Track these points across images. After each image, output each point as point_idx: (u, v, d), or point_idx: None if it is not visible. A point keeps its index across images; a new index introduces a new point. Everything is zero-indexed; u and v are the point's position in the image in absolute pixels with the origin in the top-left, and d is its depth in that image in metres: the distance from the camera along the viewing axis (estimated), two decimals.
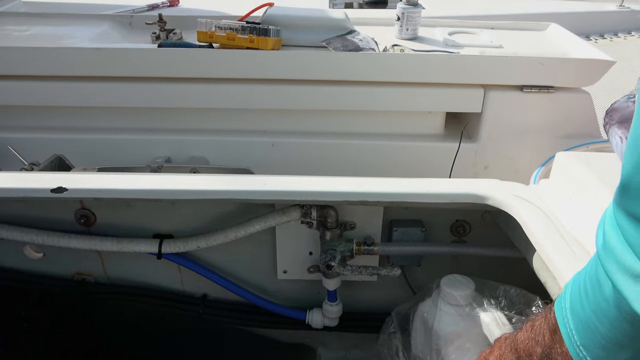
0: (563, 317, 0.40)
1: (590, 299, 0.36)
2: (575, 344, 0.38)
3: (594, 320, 0.36)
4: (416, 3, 1.77)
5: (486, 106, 1.65)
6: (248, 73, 1.61)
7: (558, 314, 0.41)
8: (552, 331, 0.42)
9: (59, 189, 0.90)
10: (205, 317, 1.16)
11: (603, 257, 0.34)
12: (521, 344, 0.46)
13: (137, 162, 1.63)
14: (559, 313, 0.41)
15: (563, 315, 0.40)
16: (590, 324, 0.36)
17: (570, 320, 0.39)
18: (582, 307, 0.37)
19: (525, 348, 0.45)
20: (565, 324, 0.40)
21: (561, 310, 0.41)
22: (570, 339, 0.39)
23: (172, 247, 1.05)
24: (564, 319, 0.40)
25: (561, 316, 0.40)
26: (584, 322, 0.37)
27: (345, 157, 1.73)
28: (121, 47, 1.69)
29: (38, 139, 1.71)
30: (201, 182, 0.94)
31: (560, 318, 0.41)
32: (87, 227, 1.07)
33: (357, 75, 1.61)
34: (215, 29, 1.59)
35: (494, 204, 0.90)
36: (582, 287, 0.38)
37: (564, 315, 0.40)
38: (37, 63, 1.59)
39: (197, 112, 1.73)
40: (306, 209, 0.99)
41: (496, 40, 1.76)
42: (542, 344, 0.43)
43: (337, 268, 1.01)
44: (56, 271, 1.15)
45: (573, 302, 0.39)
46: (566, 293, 0.41)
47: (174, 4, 2.58)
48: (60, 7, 2.28)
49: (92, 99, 1.67)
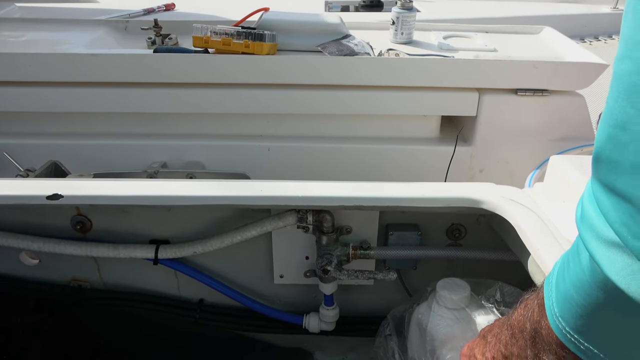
0: (548, 292, 0.42)
1: (570, 271, 0.38)
2: (555, 315, 0.40)
3: (571, 291, 0.37)
4: (411, 7, 1.78)
5: (481, 110, 1.66)
6: (244, 78, 1.61)
7: (546, 289, 0.43)
8: (541, 306, 0.43)
9: (55, 195, 0.90)
10: (202, 322, 1.16)
11: (580, 228, 0.35)
12: (515, 320, 0.48)
13: (133, 167, 1.63)
14: (546, 288, 0.43)
15: (549, 290, 0.42)
16: (568, 295, 0.38)
17: (554, 292, 0.41)
18: (564, 280, 0.39)
19: (518, 325, 0.47)
20: (549, 297, 0.41)
21: (548, 285, 0.43)
22: (551, 310, 0.40)
23: (169, 252, 1.05)
24: (549, 292, 0.42)
25: (547, 291, 0.42)
26: (563, 293, 0.39)
27: (341, 161, 1.74)
28: (117, 53, 1.69)
29: (33, 145, 1.71)
30: (197, 188, 0.94)
31: (546, 293, 0.42)
32: (83, 233, 1.07)
33: (352, 79, 1.62)
34: (211, 34, 1.60)
35: (489, 207, 0.91)
36: (565, 262, 0.40)
37: (549, 290, 0.42)
38: (32, 69, 1.59)
39: (193, 117, 1.74)
40: (302, 213, 0.99)
41: (490, 44, 1.77)
42: (532, 319, 0.44)
43: (334, 272, 1.01)
44: (52, 277, 1.15)
45: (558, 276, 0.41)
46: (554, 269, 0.43)
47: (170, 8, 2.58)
48: (56, 13, 2.28)
49: (88, 104, 1.67)
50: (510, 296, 0.88)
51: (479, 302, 0.88)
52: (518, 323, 0.47)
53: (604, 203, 0.32)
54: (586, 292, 0.36)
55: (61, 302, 1.16)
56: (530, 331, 0.44)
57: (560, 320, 0.39)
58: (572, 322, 0.38)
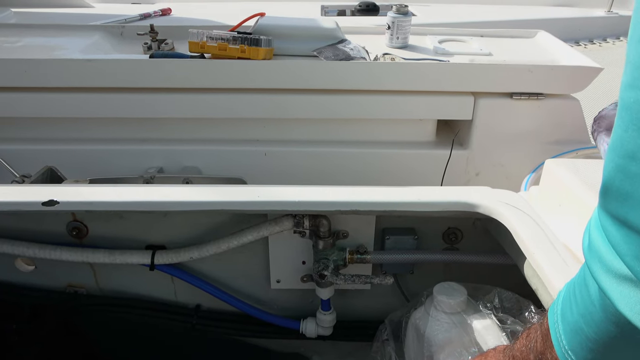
0: (554, 323, 0.41)
1: (578, 303, 0.37)
2: (564, 348, 0.39)
3: (581, 323, 0.36)
4: (406, 12, 1.79)
5: (477, 113, 1.66)
6: (240, 83, 1.62)
7: (550, 320, 0.42)
8: (545, 337, 0.42)
9: (51, 202, 0.90)
10: (199, 327, 1.16)
11: (588, 259, 0.34)
12: (517, 351, 0.47)
13: (129, 172, 1.62)
14: (551, 319, 0.42)
15: (554, 321, 0.41)
16: (577, 327, 0.37)
17: (560, 324, 0.40)
18: (571, 311, 0.38)
19: (521, 355, 0.46)
20: (555, 329, 0.40)
21: (553, 315, 0.41)
22: (559, 343, 0.39)
23: (165, 258, 1.05)
24: (554, 324, 0.41)
25: (553, 322, 0.41)
26: (571, 325, 0.38)
27: (338, 165, 1.74)
28: (113, 58, 1.69)
29: (29, 150, 1.71)
30: (193, 193, 0.94)
31: (551, 324, 0.41)
32: (79, 239, 1.07)
33: (348, 84, 1.62)
34: (207, 39, 1.60)
35: (485, 211, 0.91)
36: (572, 292, 0.38)
37: (555, 321, 0.41)
38: (28, 74, 1.59)
39: (190, 122, 1.74)
40: (298, 218, 0.99)
41: (486, 48, 1.78)
42: (535, 350, 0.43)
43: (330, 277, 1.01)
44: (48, 284, 1.15)
45: (564, 307, 0.40)
46: (559, 299, 0.42)
47: (166, 13, 2.58)
48: (51, 18, 2.28)
49: (84, 110, 1.67)
50: (509, 302, 0.88)
51: (476, 307, 0.88)
52: (521, 354, 0.46)
53: (614, 235, 0.31)
54: (598, 326, 0.34)
55: (57, 309, 1.15)
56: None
57: (570, 354, 0.38)
58: (582, 355, 0.37)
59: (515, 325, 0.82)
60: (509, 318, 0.84)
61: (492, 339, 0.81)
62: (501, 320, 0.84)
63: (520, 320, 0.83)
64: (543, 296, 0.76)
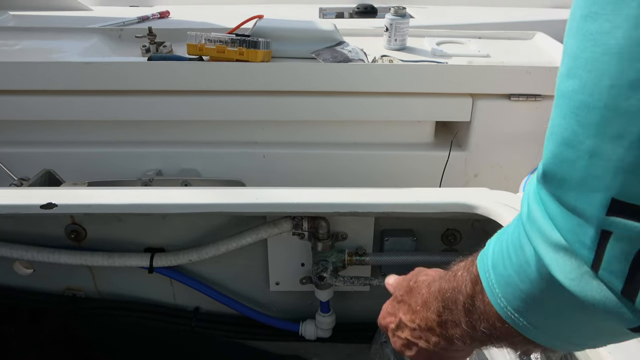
0: (485, 272, 0.44)
1: (513, 261, 0.40)
2: (497, 295, 0.42)
3: (515, 278, 0.40)
4: (404, 14, 1.79)
5: (475, 115, 1.67)
6: (238, 85, 1.62)
7: (481, 270, 0.45)
8: (474, 283, 0.46)
9: (49, 204, 0.90)
10: (198, 330, 1.16)
11: (527, 227, 0.37)
12: (447, 292, 0.51)
13: (128, 175, 1.62)
14: (481, 269, 0.45)
15: (485, 270, 0.44)
16: (511, 281, 0.41)
17: (492, 275, 0.43)
18: (504, 267, 0.41)
19: (450, 297, 0.50)
20: (487, 278, 0.44)
21: (484, 266, 0.45)
22: (492, 291, 0.43)
23: (164, 260, 1.05)
24: (485, 273, 0.44)
25: (483, 271, 0.44)
26: (505, 278, 0.41)
27: (336, 167, 1.74)
28: (111, 61, 1.69)
29: (27, 153, 1.71)
30: (192, 196, 0.94)
31: (482, 272, 0.44)
32: (78, 242, 1.07)
33: (346, 86, 1.63)
34: (205, 41, 1.60)
35: (484, 213, 0.91)
36: (505, 250, 0.42)
37: (485, 270, 0.44)
38: (26, 77, 1.59)
39: (188, 124, 1.74)
40: (297, 220, 0.99)
41: (484, 50, 1.79)
42: (465, 293, 0.47)
43: (329, 279, 1.01)
44: (46, 287, 1.14)
45: (495, 260, 0.43)
46: (488, 250, 0.45)
47: (164, 16, 2.58)
48: (50, 21, 2.27)
49: (82, 112, 1.67)
50: None
51: None
52: (450, 295, 0.50)
53: (552, 210, 0.34)
54: (531, 282, 0.38)
55: (56, 312, 1.15)
56: (463, 303, 0.48)
57: (503, 300, 0.42)
58: (514, 304, 0.41)
59: None
60: None
61: None
62: None
63: None
64: None
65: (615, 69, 0.28)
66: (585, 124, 0.30)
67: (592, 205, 0.31)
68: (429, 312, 0.55)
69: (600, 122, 0.30)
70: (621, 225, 0.30)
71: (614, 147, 0.29)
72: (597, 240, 0.31)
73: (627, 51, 0.28)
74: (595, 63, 0.30)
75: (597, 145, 0.30)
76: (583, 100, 0.30)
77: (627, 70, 0.28)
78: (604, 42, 0.29)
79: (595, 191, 0.30)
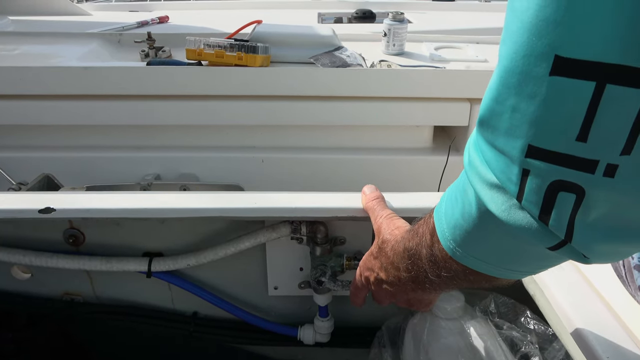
0: (438, 220, 0.53)
1: (459, 205, 0.48)
2: (447, 239, 0.51)
3: (460, 220, 0.48)
4: (402, 19, 1.80)
5: (473, 119, 1.67)
6: (237, 90, 1.62)
7: (436, 219, 0.53)
8: (432, 234, 0.54)
9: (47, 209, 0.90)
10: (197, 335, 1.16)
11: (469, 172, 0.45)
12: (411, 250, 0.60)
13: (126, 180, 1.62)
14: (436, 218, 0.53)
15: (439, 219, 0.53)
16: (457, 223, 0.49)
17: (444, 221, 0.51)
18: (453, 211, 0.49)
19: (414, 253, 0.59)
20: (440, 225, 0.52)
21: (438, 215, 0.53)
22: (443, 235, 0.51)
23: (162, 265, 1.04)
24: (439, 221, 0.53)
25: (438, 220, 0.53)
26: (453, 222, 0.49)
27: (335, 171, 1.75)
28: (110, 66, 1.69)
29: (26, 158, 1.71)
30: (191, 200, 0.94)
31: (437, 221, 0.53)
32: (76, 246, 1.07)
33: (345, 90, 1.63)
34: (204, 46, 1.61)
35: None
36: (453, 197, 0.50)
37: (439, 219, 0.53)
38: (25, 82, 1.59)
39: (187, 129, 1.74)
40: (296, 225, 0.99)
41: (482, 55, 1.79)
42: (426, 245, 0.56)
43: (328, 283, 1.01)
44: (44, 292, 1.14)
45: (446, 208, 0.51)
46: (442, 202, 0.54)
47: (163, 21, 2.59)
48: (49, 26, 2.28)
49: (81, 117, 1.67)
50: (505, 307, 0.88)
51: (473, 313, 0.88)
52: (414, 250, 0.59)
53: (487, 154, 0.41)
54: (473, 220, 0.46)
55: (54, 317, 1.15)
56: (426, 255, 0.56)
57: (452, 243, 0.50)
58: (460, 242, 0.49)
59: (511, 331, 0.83)
60: (505, 323, 0.84)
61: (490, 345, 0.81)
62: (497, 326, 0.84)
63: (517, 325, 0.83)
64: (540, 301, 0.76)
65: (527, 42, 0.34)
66: (507, 85, 0.37)
67: (515, 149, 0.37)
68: (399, 272, 0.64)
69: (517, 84, 0.36)
70: (536, 165, 0.37)
71: (528, 105, 0.35)
72: (520, 177, 0.38)
73: (536, 28, 0.33)
74: (515, 35, 0.35)
75: (517, 103, 0.36)
76: (507, 65, 0.36)
77: (536, 44, 0.34)
78: (521, 19, 0.34)
79: (517, 138, 0.37)
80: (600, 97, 0.32)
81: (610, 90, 0.32)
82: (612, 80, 0.31)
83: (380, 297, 0.77)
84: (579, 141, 0.34)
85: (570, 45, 0.32)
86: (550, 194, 0.37)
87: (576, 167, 0.35)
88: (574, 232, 0.38)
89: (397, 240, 0.67)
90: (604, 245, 0.39)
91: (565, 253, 0.41)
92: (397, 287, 0.68)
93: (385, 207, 0.85)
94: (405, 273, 0.62)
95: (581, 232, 0.38)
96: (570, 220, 0.37)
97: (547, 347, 0.81)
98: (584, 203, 0.36)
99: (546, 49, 0.33)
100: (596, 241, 0.39)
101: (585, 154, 0.34)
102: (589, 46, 0.31)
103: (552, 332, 0.79)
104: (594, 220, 0.37)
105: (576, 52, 0.32)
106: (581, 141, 0.34)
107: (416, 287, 0.63)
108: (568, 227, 0.38)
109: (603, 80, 0.32)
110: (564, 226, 0.38)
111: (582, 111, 0.33)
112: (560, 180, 0.36)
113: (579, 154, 0.34)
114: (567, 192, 0.36)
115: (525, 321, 0.82)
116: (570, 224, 0.38)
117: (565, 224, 0.38)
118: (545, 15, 0.33)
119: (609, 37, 0.31)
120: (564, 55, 0.32)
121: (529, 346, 0.81)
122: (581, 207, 0.36)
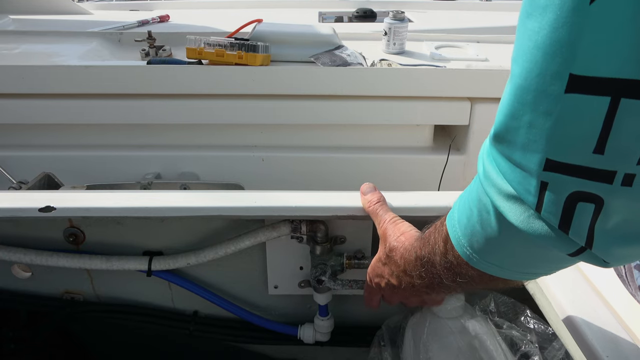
0: (452, 228, 0.53)
1: (474, 214, 0.49)
2: (463, 246, 0.51)
3: (477, 227, 0.49)
4: (403, 18, 1.80)
5: (473, 118, 1.67)
6: (237, 89, 1.62)
7: (449, 227, 0.54)
8: (445, 241, 0.55)
9: (47, 208, 0.90)
10: (197, 334, 1.16)
11: (484, 183, 0.46)
12: (424, 258, 0.60)
13: (127, 178, 1.63)
14: (449, 226, 0.54)
15: (452, 226, 0.53)
16: (474, 230, 0.49)
17: (458, 229, 0.52)
18: (468, 220, 0.50)
19: (427, 261, 0.59)
20: (454, 233, 0.53)
21: (451, 223, 0.54)
22: (459, 242, 0.52)
23: (162, 264, 1.04)
24: (452, 228, 0.53)
25: (451, 228, 0.53)
26: (469, 229, 0.50)
27: (335, 170, 1.74)
28: (110, 65, 1.69)
29: (26, 156, 1.71)
30: (190, 199, 0.94)
31: (450, 229, 0.54)
32: (76, 245, 1.07)
33: (345, 89, 1.63)
34: (205, 45, 1.61)
35: None
36: (467, 206, 0.50)
37: (452, 226, 0.53)
38: (26, 81, 1.59)
39: (187, 128, 1.74)
40: (296, 224, 0.99)
41: (482, 54, 1.79)
42: (439, 253, 0.57)
43: (328, 283, 1.01)
44: (45, 290, 1.14)
45: (460, 216, 0.52)
46: (454, 210, 0.54)
47: (164, 20, 2.59)
48: (49, 25, 2.28)
49: (82, 116, 1.67)
50: (505, 306, 0.88)
51: (473, 312, 0.88)
52: (427, 259, 0.59)
53: (503, 166, 0.42)
54: (492, 229, 0.47)
55: (54, 315, 1.15)
56: (440, 262, 0.57)
57: (468, 249, 0.51)
58: (477, 249, 0.50)
59: (511, 330, 0.82)
60: (504, 322, 0.84)
61: (490, 344, 0.81)
62: (497, 325, 0.84)
63: (517, 324, 0.83)
64: (540, 301, 0.76)
65: (542, 61, 0.35)
66: (523, 102, 0.38)
67: (533, 163, 0.38)
68: (412, 279, 0.64)
69: (533, 101, 0.37)
70: (554, 178, 0.37)
71: (544, 121, 0.36)
72: (538, 189, 0.39)
73: (550, 49, 0.34)
74: (528, 55, 0.36)
75: (533, 119, 0.37)
76: (521, 83, 0.37)
77: (550, 64, 0.34)
78: (534, 39, 0.35)
79: (535, 152, 0.38)
80: (615, 110, 0.33)
81: (625, 103, 0.32)
82: (626, 94, 0.32)
83: (392, 299, 0.80)
84: (597, 153, 0.35)
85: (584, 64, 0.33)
86: (570, 205, 0.38)
87: (595, 179, 0.35)
88: (594, 239, 0.38)
89: (406, 248, 0.68)
90: (623, 249, 0.40)
91: (584, 258, 0.41)
92: (410, 291, 0.69)
93: (388, 209, 0.85)
94: (419, 280, 0.63)
95: (601, 239, 0.38)
96: (590, 228, 0.38)
97: (547, 347, 0.81)
98: (603, 212, 0.37)
99: (560, 68, 0.34)
100: (616, 246, 0.39)
101: (603, 165, 0.35)
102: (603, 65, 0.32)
103: (552, 332, 0.79)
104: (613, 227, 0.38)
105: (591, 70, 0.33)
106: (598, 153, 0.34)
107: (431, 292, 0.65)
108: (588, 235, 0.38)
109: (618, 94, 0.32)
110: (584, 234, 0.38)
111: (598, 125, 0.34)
112: (579, 191, 0.37)
113: (597, 166, 0.35)
114: (586, 202, 0.37)
115: (525, 320, 0.82)
116: (590, 231, 0.38)
117: (585, 232, 0.38)
118: (558, 37, 0.33)
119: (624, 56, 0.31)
120: (578, 73, 0.33)
121: (528, 345, 0.81)
122: (600, 215, 0.37)
